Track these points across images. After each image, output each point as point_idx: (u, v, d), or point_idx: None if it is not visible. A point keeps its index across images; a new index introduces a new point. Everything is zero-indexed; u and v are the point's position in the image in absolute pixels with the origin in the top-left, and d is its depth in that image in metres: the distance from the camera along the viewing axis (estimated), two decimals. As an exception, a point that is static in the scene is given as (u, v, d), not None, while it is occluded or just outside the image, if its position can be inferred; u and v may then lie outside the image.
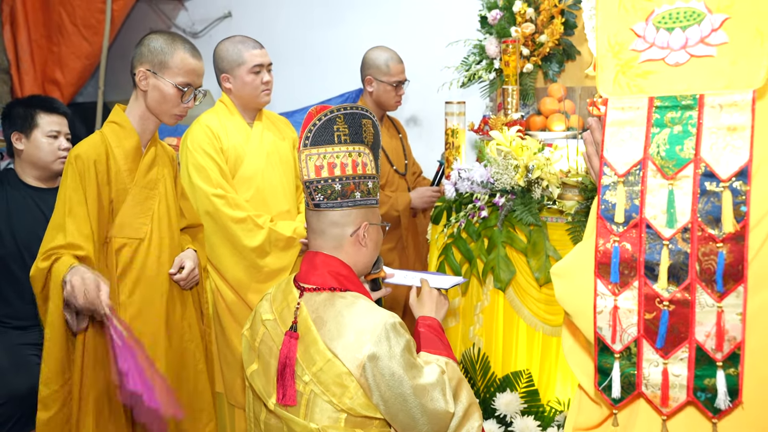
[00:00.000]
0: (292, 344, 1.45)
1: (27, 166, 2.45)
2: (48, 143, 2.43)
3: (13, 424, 2.18)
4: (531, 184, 2.48)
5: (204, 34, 4.58)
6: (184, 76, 1.99)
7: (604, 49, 1.07)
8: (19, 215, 2.39)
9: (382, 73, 2.93)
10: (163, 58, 1.97)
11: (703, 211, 0.96)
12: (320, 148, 1.48)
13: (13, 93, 4.21)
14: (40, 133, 2.43)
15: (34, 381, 2.21)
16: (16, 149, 2.45)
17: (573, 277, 1.11)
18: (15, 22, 4.03)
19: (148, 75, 1.98)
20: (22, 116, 2.44)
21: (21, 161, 2.47)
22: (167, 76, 1.98)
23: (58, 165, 2.44)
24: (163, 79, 1.97)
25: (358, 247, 1.53)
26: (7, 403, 2.16)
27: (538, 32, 3.04)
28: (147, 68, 1.98)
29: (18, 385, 2.20)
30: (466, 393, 1.49)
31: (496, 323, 2.59)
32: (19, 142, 2.43)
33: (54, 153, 2.44)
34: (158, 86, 1.98)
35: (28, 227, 2.37)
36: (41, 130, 2.43)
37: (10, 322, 2.37)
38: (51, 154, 2.44)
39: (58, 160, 2.44)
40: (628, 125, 1.03)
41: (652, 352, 1.01)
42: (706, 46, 0.99)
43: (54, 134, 2.45)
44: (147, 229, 2.03)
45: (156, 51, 1.98)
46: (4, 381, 2.20)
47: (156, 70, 1.98)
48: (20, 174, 2.47)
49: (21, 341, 2.33)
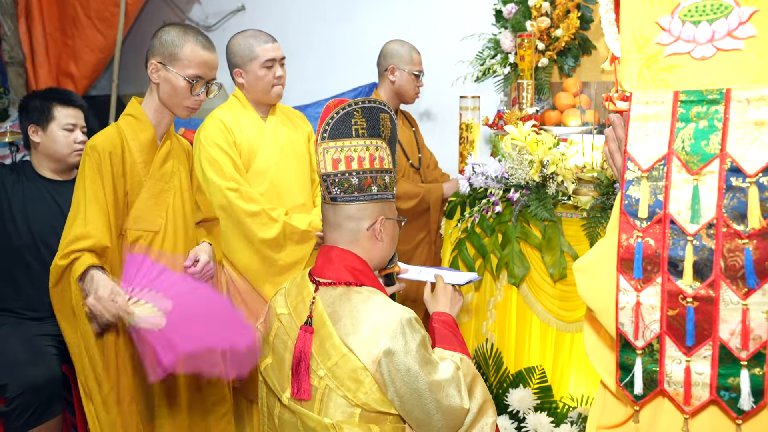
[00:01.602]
0: (307, 338, 1.44)
1: (43, 158, 2.47)
2: (64, 136, 2.45)
3: (30, 415, 2.19)
4: (546, 179, 2.46)
5: (217, 27, 4.59)
6: (194, 68, 1.98)
7: (628, 43, 1.05)
8: (35, 207, 2.41)
9: (405, 62, 2.92)
10: (173, 50, 1.97)
11: (729, 207, 0.95)
12: (338, 142, 1.48)
13: (28, 86, 4.23)
14: (56, 125, 2.45)
15: (51, 372, 2.23)
16: (32, 142, 2.47)
17: (596, 273, 1.10)
18: (30, 16, 4.05)
19: (160, 67, 1.98)
20: (39, 109, 2.45)
21: (37, 153, 2.49)
22: (177, 68, 1.97)
23: (74, 158, 2.46)
24: (173, 72, 1.97)
25: (374, 241, 1.53)
26: (25, 393, 2.17)
27: (553, 26, 3.01)
28: (158, 60, 1.98)
29: (35, 376, 2.21)
30: (480, 389, 1.48)
31: (510, 319, 2.58)
32: (36, 134, 2.45)
33: (70, 146, 2.46)
34: (169, 78, 1.98)
35: (44, 219, 2.39)
36: (58, 123, 2.45)
37: (26, 313, 2.39)
38: (67, 147, 2.46)
39: (74, 153, 2.46)
40: (653, 120, 1.02)
41: (674, 349, 0.99)
42: (733, 39, 0.97)
43: (70, 127, 2.47)
44: (162, 222, 2.03)
45: (167, 43, 1.98)
46: (22, 372, 2.21)
47: (166, 62, 1.98)
48: (36, 166, 2.50)
49: (38, 332, 2.33)
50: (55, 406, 2.26)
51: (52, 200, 2.43)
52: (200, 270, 2.09)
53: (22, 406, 2.17)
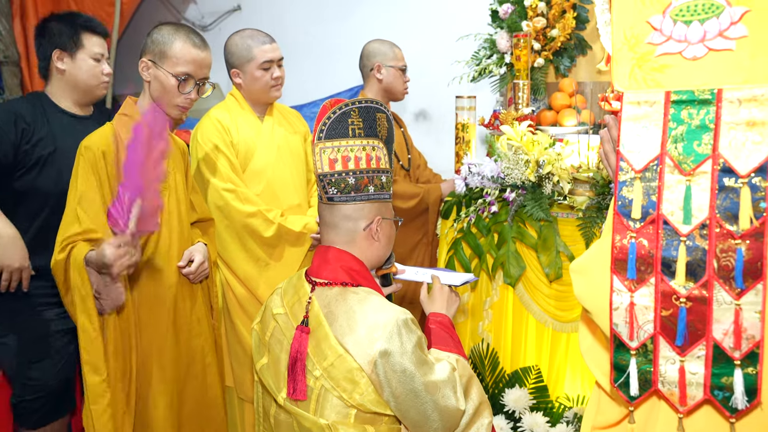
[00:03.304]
0: (303, 338, 1.44)
1: (66, 88, 2.26)
2: (93, 66, 2.26)
3: (43, 415, 2.20)
4: (542, 179, 2.46)
5: (213, 27, 4.58)
6: (183, 66, 1.98)
7: (620, 43, 1.05)
8: (64, 145, 2.18)
9: (389, 58, 2.92)
10: (163, 48, 1.97)
11: (722, 208, 0.95)
12: (334, 142, 1.48)
13: (23, 85, 4.21)
14: (86, 54, 2.24)
15: (66, 374, 2.22)
16: (55, 68, 2.24)
17: (592, 273, 1.10)
18: (25, 15, 4.03)
19: (150, 65, 1.98)
20: (66, 34, 2.23)
21: (59, 82, 2.26)
22: (166, 66, 1.97)
23: (101, 90, 2.31)
24: (162, 69, 1.97)
25: (370, 241, 1.53)
26: (41, 391, 2.18)
27: (549, 26, 3.02)
28: (149, 58, 1.98)
29: (52, 376, 2.20)
30: (476, 390, 1.48)
31: (506, 319, 2.58)
32: (61, 61, 2.23)
33: (98, 77, 2.27)
34: (158, 76, 1.98)
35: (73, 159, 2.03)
36: (87, 52, 2.25)
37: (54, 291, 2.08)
38: (95, 78, 2.27)
39: (101, 85, 2.30)
40: (645, 120, 1.02)
41: (668, 350, 1.00)
42: (724, 39, 0.98)
43: (99, 57, 2.27)
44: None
45: (157, 41, 1.97)
46: (41, 371, 2.19)
47: (156, 60, 1.97)
48: (56, 98, 2.27)
49: (58, 327, 2.23)
50: (66, 406, 2.26)
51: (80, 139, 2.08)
52: (195, 270, 2.08)
53: (38, 405, 2.18)
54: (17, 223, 2.15)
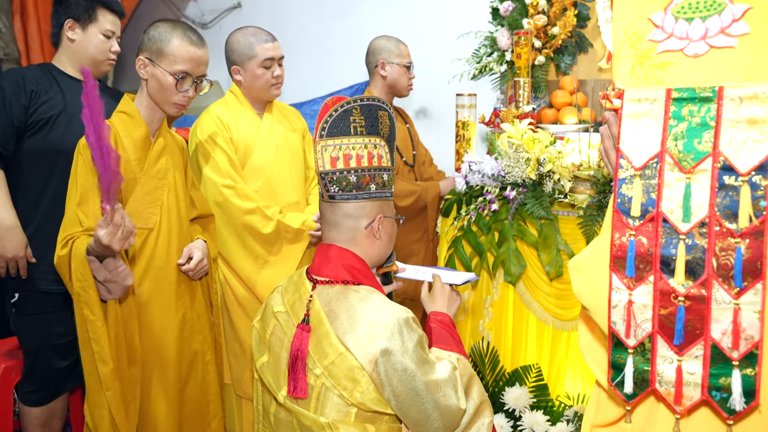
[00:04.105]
0: (304, 337, 1.44)
1: (73, 58, 2.32)
2: (102, 42, 2.32)
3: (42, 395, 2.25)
4: (542, 177, 2.46)
5: (213, 24, 4.58)
6: (180, 64, 1.97)
7: (620, 40, 1.05)
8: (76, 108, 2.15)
9: (394, 55, 2.92)
10: (160, 45, 1.96)
11: (721, 206, 0.95)
12: (336, 140, 1.47)
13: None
14: (97, 28, 2.31)
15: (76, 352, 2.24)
16: (66, 37, 2.31)
17: (590, 271, 1.10)
18: (25, 13, 4.02)
19: (147, 63, 1.97)
20: (83, 6, 2.29)
21: (68, 51, 2.32)
22: (164, 64, 1.96)
23: (106, 66, 2.36)
24: (159, 67, 1.96)
25: (372, 239, 1.52)
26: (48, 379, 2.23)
27: (550, 24, 3.01)
28: (146, 56, 1.98)
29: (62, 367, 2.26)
30: (477, 390, 1.48)
31: (506, 317, 2.58)
32: (73, 31, 2.30)
33: (105, 53, 2.34)
34: (155, 74, 1.97)
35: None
36: (99, 27, 2.31)
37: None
38: (102, 54, 2.33)
39: (107, 62, 2.35)
40: (645, 117, 1.01)
41: (666, 349, 0.99)
42: (726, 36, 0.97)
43: (109, 34, 2.33)
44: (156, 219, 2.03)
45: (154, 39, 1.97)
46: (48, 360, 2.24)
47: (153, 58, 1.97)
48: (62, 67, 2.33)
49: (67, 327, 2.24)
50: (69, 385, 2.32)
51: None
52: (194, 267, 2.08)
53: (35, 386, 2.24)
54: (31, 185, 2.21)
